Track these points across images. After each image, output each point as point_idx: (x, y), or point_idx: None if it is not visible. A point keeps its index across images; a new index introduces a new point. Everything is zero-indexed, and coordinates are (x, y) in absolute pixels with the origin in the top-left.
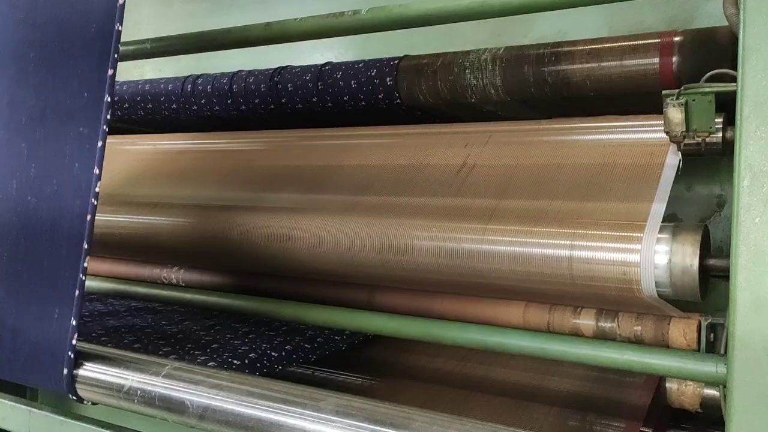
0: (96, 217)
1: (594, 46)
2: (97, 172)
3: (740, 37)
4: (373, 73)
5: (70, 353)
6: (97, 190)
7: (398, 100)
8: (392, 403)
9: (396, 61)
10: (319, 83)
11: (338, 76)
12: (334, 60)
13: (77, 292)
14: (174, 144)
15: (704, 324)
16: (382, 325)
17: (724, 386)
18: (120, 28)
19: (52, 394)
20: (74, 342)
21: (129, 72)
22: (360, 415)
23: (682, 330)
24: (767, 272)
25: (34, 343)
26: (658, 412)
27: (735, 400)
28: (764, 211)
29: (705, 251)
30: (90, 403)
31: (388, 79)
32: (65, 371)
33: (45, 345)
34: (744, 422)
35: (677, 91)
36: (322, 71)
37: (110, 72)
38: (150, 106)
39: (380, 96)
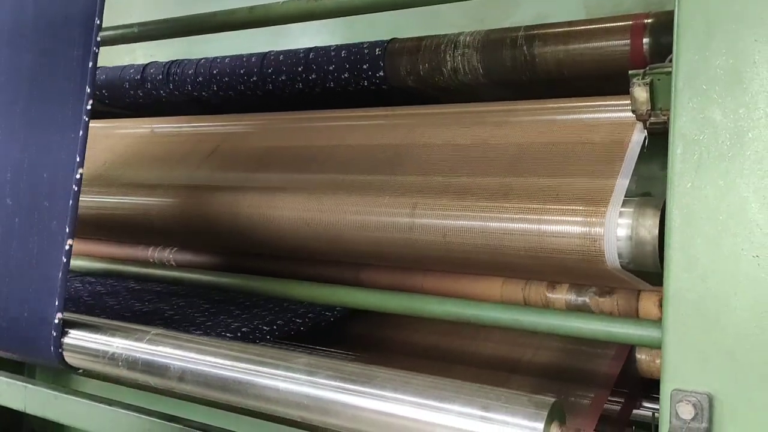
0: (88, 198)
1: (569, 29)
2: (79, 159)
3: (675, 15)
4: (360, 56)
5: (56, 323)
6: (78, 176)
7: (382, 79)
8: (358, 363)
9: (384, 45)
10: (306, 66)
11: (325, 59)
12: (321, 44)
13: (62, 269)
14: (162, 127)
15: None
16: (363, 300)
17: None
18: (102, 8)
19: (50, 371)
20: (61, 313)
21: (121, 57)
22: (327, 373)
23: (652, 302)
24: (697, 233)
25: (24, 317)
26: (631, 383)
27: (668, 354)
28: (695, 176)
29: None
30: (80, 370)
31: (376, 60)
32: (53, 340)
33: (34, 318)
34: (677, 377)
35: (643, 70)
36: (308, 54)
37: (92, 55)
38: (137, 90)
39: (366, 79)
